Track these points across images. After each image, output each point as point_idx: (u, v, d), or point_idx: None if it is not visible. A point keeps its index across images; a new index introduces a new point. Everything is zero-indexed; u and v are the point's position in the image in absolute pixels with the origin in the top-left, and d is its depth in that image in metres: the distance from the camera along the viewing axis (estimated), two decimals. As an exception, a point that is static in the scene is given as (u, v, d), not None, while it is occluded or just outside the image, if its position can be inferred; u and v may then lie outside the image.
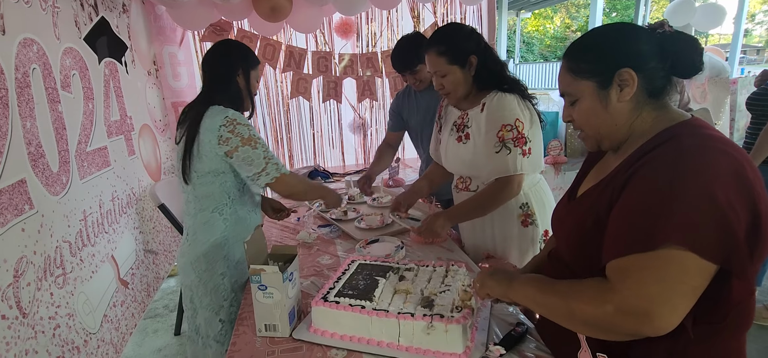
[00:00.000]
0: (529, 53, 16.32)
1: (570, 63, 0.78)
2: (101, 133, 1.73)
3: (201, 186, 1.27)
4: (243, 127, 1.21)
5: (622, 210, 0.67)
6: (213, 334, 1.30)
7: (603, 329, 0.66)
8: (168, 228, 2.35)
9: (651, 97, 0.73)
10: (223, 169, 1.25)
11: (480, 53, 1.30)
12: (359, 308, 0.93)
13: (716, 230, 0.59)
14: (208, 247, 1.28)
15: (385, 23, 3.06)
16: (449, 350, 0.86)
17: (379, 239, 1.52)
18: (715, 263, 0.60)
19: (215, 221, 1.29)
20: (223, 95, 1.28)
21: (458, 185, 1.47)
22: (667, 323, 0.60)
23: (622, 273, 0.64)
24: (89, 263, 1.52)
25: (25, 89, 1.23)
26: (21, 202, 1.16)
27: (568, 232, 0.83)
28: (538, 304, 0.77)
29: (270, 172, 1.24)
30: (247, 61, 1.33)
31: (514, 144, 1.25)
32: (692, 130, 0.68)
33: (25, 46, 1.26)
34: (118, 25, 2.01)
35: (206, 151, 1.22)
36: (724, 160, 0.62)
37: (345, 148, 3.31)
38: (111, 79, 1.88)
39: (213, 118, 1.21)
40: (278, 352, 0.94)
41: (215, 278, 1.29)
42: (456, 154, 1.40)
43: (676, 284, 0.60)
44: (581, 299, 0.68)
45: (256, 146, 1.22)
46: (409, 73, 1.80)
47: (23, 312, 1.13)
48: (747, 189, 0.61)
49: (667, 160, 0.65)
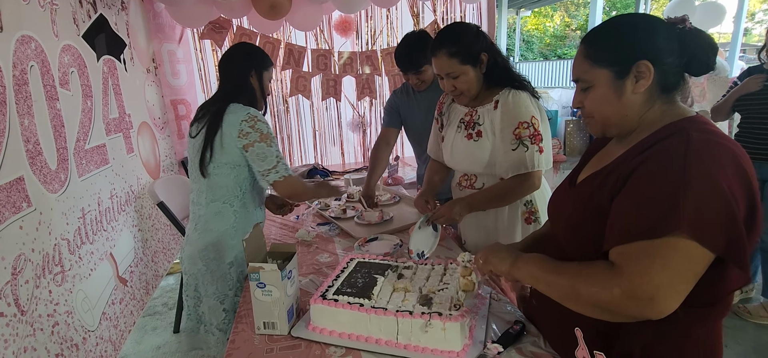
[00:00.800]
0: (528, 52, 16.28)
1: (588, 49, 0.77)
2: (100, 130, 1.72)
3: (217, 177, 1.33)
4: (262, 125, 1.30)
5: (629, 197, 0.69)
6: (216, 322, 1.35)
7: (608, 311, 0.69)
8: (167, 226, 2.34)
9: (663, 92, 0.74)
10: (240, 162, 1.33)
11: (489, 50, 1.29)
12: (358, 305, 0.93)
13: (720, 220, 0.62)
14: (219, 236, 1.34)
15: (384, 21, 3.05)
16: (447, 348, 0.86)
17: (377, 237, 1.52)
18: (717, 253, 0.63)
19: (226, 211, 1.35)
20: (239, 95, 1.36)
21: (461, 182, 1.46)
22: (669, 307, 0.63)
23: (629, 258, 0.66)
24: (88, 261, 1.52)
25: (23, 87, 1.23)
26: (19, 199, 1.16)
27: (567, 216, 0.84)
28: (542, 282, 0.78)
29: (280, 171, 1.32)
30: (261, 64, 1.42)
31: (532, 141, 1.25)
32: (698, 125, 0.70)
33: (23, 43, 1.25)
34: (117, 23, 2.01)
35: (227, 143, 1.29)
36: (727, 153, 0.65)
37: (345, 147, 3.31)
38: (109, 77, 1.87)
39: (236, 113, 1.30)
40: (277, 350, 0.94)
41: (223, 267, 1.34)
42: (466, 151, 1.37)
43: (680, 272, 0.63)
44: (588, 281, 0.70)
45: (271, 144, 1.31)
46: (414, 72, 1.76)
47: (21, 310, 1.13)
48: (746, 180, 0.65)
49: (675, 151, 0.66)
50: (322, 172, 2.65)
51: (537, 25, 16.93)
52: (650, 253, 0.64)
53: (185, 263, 1.39)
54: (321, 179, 2.53)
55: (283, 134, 3.16)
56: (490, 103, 1.32)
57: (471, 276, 0.95)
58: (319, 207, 1.89)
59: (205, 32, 2.70)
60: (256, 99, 1.42)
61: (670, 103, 0.75)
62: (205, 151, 1.31)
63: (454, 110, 1.44)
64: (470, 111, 1.37)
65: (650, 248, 0.64)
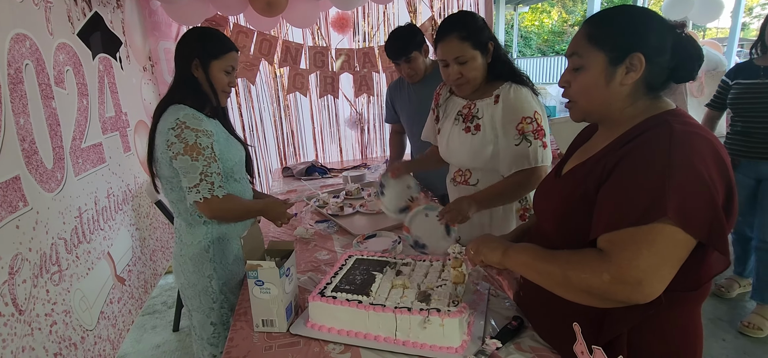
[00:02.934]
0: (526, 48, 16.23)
1: (590, 28, 0.78)
2: (96, 129, 1.71)
3: (169, 193, 1.21)
4: (190, 133, 1.10)
5: (615, 186, 0.72)
6: (206, 336, 1.29)
7: (597, 297, 0.70)
8: (165, 225, 2.34)
9: (649, 91, 0.76)
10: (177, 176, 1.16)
11: (494, 41, 1.28)
12: (356, 302, 0.93)
13: (703, 207, 0.65)
14: (193, 250, 1.24)
15: (382, 18, 3.04)
16: (446, 344, 0.86)
17: (376, 234, 1.52)
18: (700, 238, 0.66)
19: (196, 223, 1.24)
20: (183, 92, 1.18)
21: (456, 177, 1.45)
22: (655, 291, 0.66)
23: (617, 245, 0.68)
24: (85, 260, 1.52)
25: (18, 85, 1.22)
26: (15, 199, 1.16)
27: (554, 207, 0.86)
28: (533, 270, 0.80)
29: (201, 191, 1.12)
30: (204, 50, 1.19)
31: (535, 136, 1.24)
32: (677, 118, 0.73)
33: (17, 41, 1.24)
34: (112, 20, 1.99)
35: (158, 156, 1.15)
36: (705, 143, 0.68)
37: (343, 144, 3.30)
38: (105, 75, 1.86)
39: (167, 119, 1.13)
40: (276, 347, 0.94)
41: (203, 280, 1.25)
42: (463, 144, 1.36)
43: (666, 257, 0.66)
44: (578, 267, 0.71)
45: (196, 158, 1.11)
46: (405, 61, 1.78)
47: (19, 309, 1.13)
48: (724, 168, 0.68)
49: (659, 141, 0.69)
50: (321, 170, 2.65)
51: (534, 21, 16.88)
52: (638, 239, 0.66)
53: (174, 273, 1.32)
54: (267, 196, 1.94)
55: (284, 131, 3.15)
56: (490, 97, 1.30)
57: (461, 268, 0.95)
58: (317, 205, 1.89)
59: (201, 30, 2.69)
60: (205, 94, 1.21)
61: (653, 99, 0.77)
62: (149, 164, 1.18)
63: (452, 102, 1.43)
64: (468, 104, 1.36)
65: (638, 234, 0.66)
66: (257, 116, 3.06)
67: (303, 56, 2.88)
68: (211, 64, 1.20)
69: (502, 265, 0.86)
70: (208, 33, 1.23)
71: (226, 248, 1.29)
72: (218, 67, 1.22)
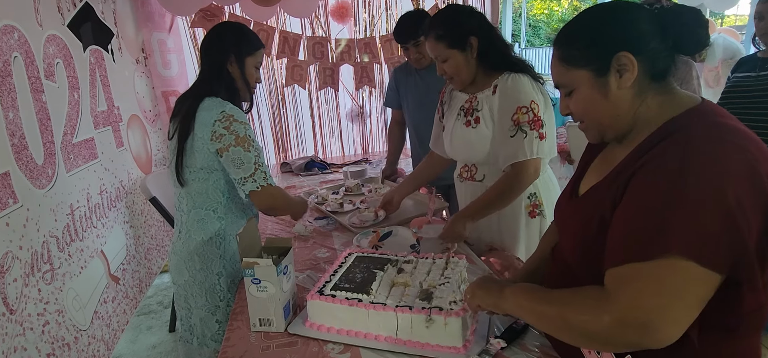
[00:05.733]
0: (535, 37, 15.89)
1: (560, 51, 0.71)
2: (87, 124, 1.67)
3: (194, 183, 1.20)
4: (239, 126, 1.14)
5: (622, 213, 0.63)
6: (210, 334, 1.26)
7: (601, 342, 0.63)
8: (160, 222, 2.30)
9: (654, 81, 0.67)
10: (216, 167, 1.19)
11: (483, 34, 1.24)
12: (356, 301, 0.90)
13: (723, 237, 0.55)
14: (203, 244, 1.22)
15: (383, 6, 2.98)
16: (448, 344, 0.84)
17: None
18: (720, 273, 0.56)
19: (209, 218, 1.22)
20: (217, 86, 1.20)
21: (462, 173, 1.41)
22: (668, 335, 0.57)
23: (619, 282, 0.60)
24: (78, 258, 1.48)
25: (6, 78, 1.18)
26: (5, 196, 1.13)
27: (573, 233, 0.77)
28: (530, 313, 0.72)
29: (257, 180, 1.16)
30: (240, 46, 1.23)
31: (531, 127, 1.19)
32: (701, 119, 0.62)
33: (5, 33, 1.21)
34: (104, 11, 1.94)
35: (199, 146, 1.15)
36: (737, 155, 0.56)
37: (344, 138, 3.25)
38: (97, 68, 1.82)
39: (209, 111, 1.14)
40: (273, 347, 0.91)
41: (211, 277, 1.23)
42: (463, 139, 1.33)
43: (676, 296, 0.56)
44: (577, 309, 0.64)
45: (249, 149, 1.14)
46: (413, 44, 1.81)
47: (10, 309, 1.10)
48: (762, 189, 0.56)
49: (671, 157, 0.59)
50: (320, 165, 2.61)
51: (544, 9, 16.55)
52: (642, 275, 0.57)
53: (173, 272, 1.29)
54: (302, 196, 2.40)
55: (282, 125, 3.10)
56: (489, 88, 1.27)
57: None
58: (316, 201, 1.85)
59: (195, 20, 2.63)
60: (238, 90, 1.25)
61: (668, 92, 0.68)
62: (179, 156, 1.18)
63: (456, 98, 1.40)
64: (470, 98, 1.33)
65: (642, 270, 0.57)
66: (254, 110, 3.01)
67: (301, 47, 2.83)
68: (246, 61, 1.24)
69: (498, 308, 0.79)
70: (243, 29, 1.27)
71: (235, 244, 1.27)
72: (252, 63, 1.26)
